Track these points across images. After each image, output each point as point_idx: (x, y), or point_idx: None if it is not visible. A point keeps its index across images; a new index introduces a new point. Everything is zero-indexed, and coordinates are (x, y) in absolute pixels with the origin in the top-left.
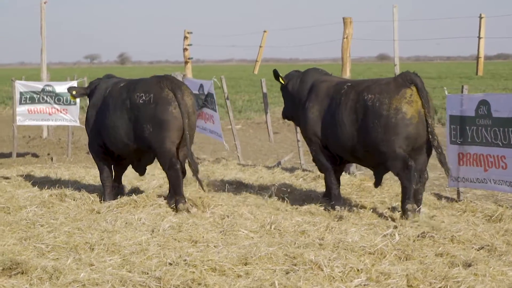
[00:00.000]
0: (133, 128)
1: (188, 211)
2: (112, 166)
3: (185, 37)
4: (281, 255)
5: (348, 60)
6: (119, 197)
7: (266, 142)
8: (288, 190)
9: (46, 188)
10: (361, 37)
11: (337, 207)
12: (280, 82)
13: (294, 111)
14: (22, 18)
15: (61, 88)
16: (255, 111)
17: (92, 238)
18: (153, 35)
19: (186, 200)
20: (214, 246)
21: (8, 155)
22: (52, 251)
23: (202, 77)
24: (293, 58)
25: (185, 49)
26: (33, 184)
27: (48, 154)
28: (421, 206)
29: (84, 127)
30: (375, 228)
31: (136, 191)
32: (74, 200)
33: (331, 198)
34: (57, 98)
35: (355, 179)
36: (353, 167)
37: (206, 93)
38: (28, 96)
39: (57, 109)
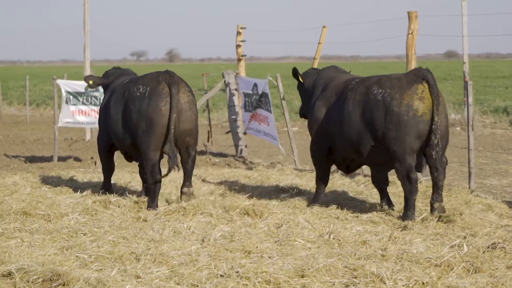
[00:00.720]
0: (127, 122)
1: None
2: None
3: (238, 33)
4: (341, 267)
5: (413, 58)
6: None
7: None
8: (348, 197)
9: (89, 194)
10: (428, 33)
11: (316, 206)
12: (299, 81)
13: (307, 110)
14: (64, 12)
15: None
16: None
17: (138, 248)
18: (205, 31)
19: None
20: (269, 257)
21: (49, 159)
22: (95, 261)
23: (256, 75)
24: (354, 55)
25: (238, 46)
26: (75, 190)
27: (92, 158)
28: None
29: None
30: (442, 239)
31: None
32: (119, 207)
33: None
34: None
35: (420, 186)
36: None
37: (260, 92)
38: (71, 96)
39: None
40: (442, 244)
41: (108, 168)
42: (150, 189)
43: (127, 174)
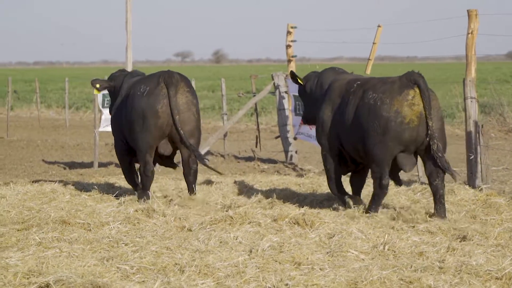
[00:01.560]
0: (130, 120)
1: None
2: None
3: (288, 32)
4: (396, 280)
5: (473, 59)
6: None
7: None
8: (404, 206)
9: (131, 202)
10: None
11: (341, 208)
12: (299, 84)
13: (312, 113)
14: (106, 11)
15: None
16: None
17: (182, 259)
18: (253, 30)
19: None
20: (320, 269)
21: (89, 165)
22: (138, 273)
23: None
24: (411, 56)
25: (288, 46)
26: (117, 198)
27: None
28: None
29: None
30: (503, 250)
31: (231, 206)
32: (162, 216)
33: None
34: None
35: (481, 194)
36: (478, 179)
37: None
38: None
39: None
40: (503, 256)
41: (130, 173)
42: (143, 181)
43: (170, 181)
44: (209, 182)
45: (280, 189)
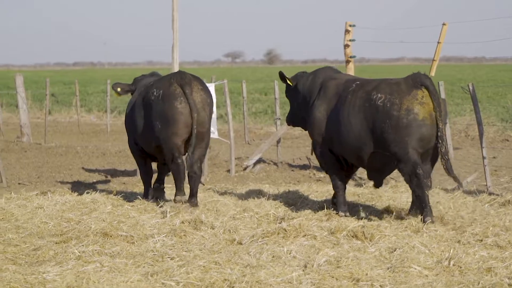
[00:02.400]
0: (148, 125)
1: (183, 202)
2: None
3: (347, 31)
4: None
5: None
6: (158, 200)
7: None
8: (471, 219)
9: (177, 213)
10: None
11: (341, 213)
12: (288, 84)
13: (304, 113)
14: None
15: None
16: None
17: (232, 275)
18: (308, 29)
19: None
20: (380, 286)
21: (132, 173)
22: None
23: None
24: (478, 56)
25: (346, 46)
26: (162, 208)
27: None
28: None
29: (222, 139)
30: None
31: (285, 217)
32: (211, 228)
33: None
34: None
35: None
36: None
37: None
38: None
39: None
40: None
41: (145, 173)
42: (173, 173)
43: (216, 194)
44: (260, 192)
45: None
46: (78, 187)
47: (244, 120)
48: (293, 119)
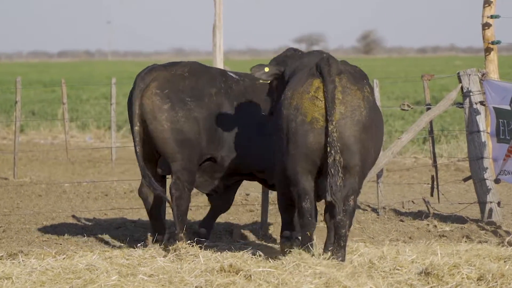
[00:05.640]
0: None
1: None
2: None
3: (486, 3)
4: None
5: None
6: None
7: None
8: None
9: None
10: None
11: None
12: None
13: None
14: None
15: None
16: None
17: None
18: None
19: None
20: None
21: (145, 223)
22: None
23: None
24: None
25: (485, 26)
26: (196, 278)
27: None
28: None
29: None
30: None
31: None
32: None
33: None
34: None
35: None
36: None
37: None
38: None
39: None
40: None
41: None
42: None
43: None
44: (355, 251)
45: (471, 268)
46: (66, 246)
47: None
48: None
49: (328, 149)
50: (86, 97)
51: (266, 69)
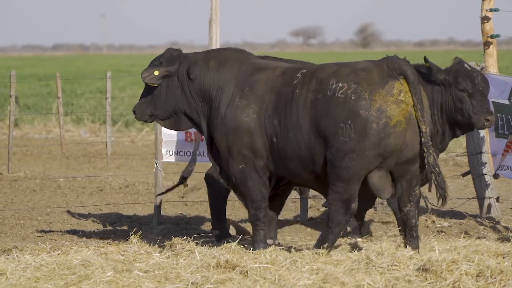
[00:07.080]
0: None
1: None
2: None
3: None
4: None
5: None
6: None
7: None
8: None
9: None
10: None
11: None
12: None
13: None
14: None
15: None
16: None
17: None
18: None
19: None
20: None
21: (146, 219)
22: None
23: None
24: None
25: (484, 19)
26: (192, 273)
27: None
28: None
29: None
30: None
31: None
32: None
33: None
34: None
35: None
36: None
37: None
38: None
39: None
40: None
41: None
42: None
43: None
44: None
45: (469, 264)
46: (61, 241)
47: None
48: None
49: (425, 150)
50: (81, 91)
51: (156, 72)
